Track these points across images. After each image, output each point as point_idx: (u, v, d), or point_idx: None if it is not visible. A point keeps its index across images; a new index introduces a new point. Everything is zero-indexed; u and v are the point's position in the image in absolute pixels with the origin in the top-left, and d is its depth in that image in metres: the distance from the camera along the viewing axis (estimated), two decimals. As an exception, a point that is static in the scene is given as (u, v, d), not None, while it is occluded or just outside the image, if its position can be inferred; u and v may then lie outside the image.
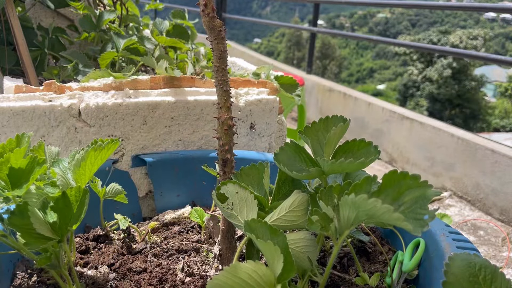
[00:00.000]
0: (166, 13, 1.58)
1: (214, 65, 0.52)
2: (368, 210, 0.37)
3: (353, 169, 0.47)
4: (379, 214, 0.37)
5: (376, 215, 0.37)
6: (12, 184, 0.46)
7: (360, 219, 0.40)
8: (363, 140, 0.47)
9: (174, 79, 0.87)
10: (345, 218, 0.41)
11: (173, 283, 0.55)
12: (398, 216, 0.36)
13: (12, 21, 0.91)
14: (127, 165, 0.80)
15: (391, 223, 0.37)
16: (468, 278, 0.36)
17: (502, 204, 1.92)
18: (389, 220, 0.36)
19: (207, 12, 0.49)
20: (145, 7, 1.65)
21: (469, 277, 0.36)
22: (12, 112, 0.71)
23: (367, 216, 0.39)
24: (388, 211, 0.36)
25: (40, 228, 0.44)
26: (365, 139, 0.47)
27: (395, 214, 0.36)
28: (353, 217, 0.40)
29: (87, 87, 0.80)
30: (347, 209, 0.40)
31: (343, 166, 0.45)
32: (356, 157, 0.44)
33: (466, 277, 0.37)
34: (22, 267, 0.56)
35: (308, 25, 4.58)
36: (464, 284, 0.36)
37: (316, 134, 0.48)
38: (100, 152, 0.52)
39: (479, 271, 0.36)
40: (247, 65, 1.36)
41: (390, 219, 0.36)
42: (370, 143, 0.47)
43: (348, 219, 0.40)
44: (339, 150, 0.49)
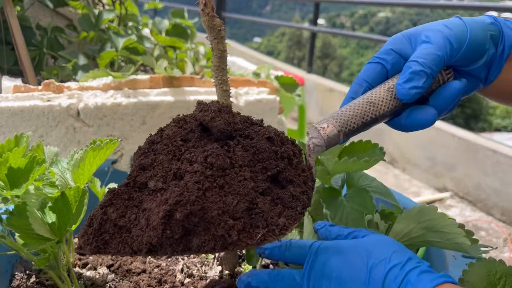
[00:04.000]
0: (165, 12, 1.58)
1: (213, 65, 0.52)
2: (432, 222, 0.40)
3: (357, 168, 0.47)
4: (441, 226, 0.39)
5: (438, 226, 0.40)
6: (11, 184, 0.46)
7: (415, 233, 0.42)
8: (369, 141, 0.47)
9: (174, 78, 0.86)
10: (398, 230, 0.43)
11: (173, 284, 0.55)
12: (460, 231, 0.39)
13: (10, 21, 0.91)
14: (126, 165, 0.80)
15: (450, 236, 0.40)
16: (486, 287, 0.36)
17: (504, 204, 1.91)
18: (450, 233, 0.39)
19: (206, 11, 0.49)
20: (144, 6, 1.64)
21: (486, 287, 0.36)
22: (11, 112, 0.70)
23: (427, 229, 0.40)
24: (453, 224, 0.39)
25: (39, 228, 0.43)
26: (370, 140, 0.47)
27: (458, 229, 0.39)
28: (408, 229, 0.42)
29: (86, 86, 0.80)
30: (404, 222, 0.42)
31: (347, 166, 0.45)
32: (361, 158, 0.44)
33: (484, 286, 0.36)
34: (20, 268, 0.55)
35: (309, 25, 4.58)
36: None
37: None
38: (99, 152, 0.51)
39: (499, 280, 0.36)
40: (247, 64, 1.35)
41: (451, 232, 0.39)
42: (376, 144, 0.47)
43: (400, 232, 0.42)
44: (344, 151, 0.49)
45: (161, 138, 0.36)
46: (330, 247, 0.38)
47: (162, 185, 0.32)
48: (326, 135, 0.37)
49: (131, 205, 0.32)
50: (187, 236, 0.30)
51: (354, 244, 0.38)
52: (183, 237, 0.30)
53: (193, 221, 0.29)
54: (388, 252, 0.36)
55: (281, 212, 0.33)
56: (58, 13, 1.19)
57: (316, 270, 0.37)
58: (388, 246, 0.37)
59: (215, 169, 0.32)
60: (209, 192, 0.30)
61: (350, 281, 0.35)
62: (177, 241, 0.30)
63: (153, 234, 0.29)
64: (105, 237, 0.31)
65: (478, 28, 0.40)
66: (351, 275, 0.35)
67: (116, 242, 0.31)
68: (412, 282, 0.33)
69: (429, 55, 0.38)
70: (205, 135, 0.35)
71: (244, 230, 0.30)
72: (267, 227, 0.31)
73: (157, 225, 0.29)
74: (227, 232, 0.30)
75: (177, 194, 0.29)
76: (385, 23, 37.94)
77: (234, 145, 0.34)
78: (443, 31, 0.39)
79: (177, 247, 0.30)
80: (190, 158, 0.33)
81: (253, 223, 0.31)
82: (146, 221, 0.30)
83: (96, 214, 0.32)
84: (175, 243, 0.30)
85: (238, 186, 0.32)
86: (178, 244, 0.30)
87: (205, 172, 0.31)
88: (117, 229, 0.31)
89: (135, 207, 0.32)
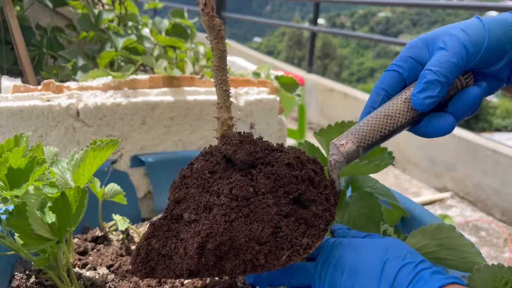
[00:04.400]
0: (165, 12, 1.58)
1: (213, 65, 0.52)
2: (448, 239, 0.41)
3: (366, 172, 0.48)
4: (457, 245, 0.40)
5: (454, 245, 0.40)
6: (10, 184, 0.46)
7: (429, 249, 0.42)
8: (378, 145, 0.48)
9: (173, 78, 0.86)
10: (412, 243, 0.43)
11: (172, 284, 0.55)
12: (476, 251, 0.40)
13: (10, 20, 0.91)
14: (126, 166, 0.80)
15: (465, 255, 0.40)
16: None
17: (504, 204, 1.91)
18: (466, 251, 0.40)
19: (206, 11, 0.49)
20: (144, 6, 1.64)
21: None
22: (10, 112, 0.70)
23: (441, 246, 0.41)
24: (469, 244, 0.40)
25: (39, 228, 0.43)
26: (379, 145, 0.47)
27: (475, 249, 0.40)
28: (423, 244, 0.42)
29: (86, 86, 0.79)
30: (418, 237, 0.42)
31: (357, 168, 0.46)
32: (371, 161, 0.44)
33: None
34: (20, 268, 0.55)
35: (309, 24, 4.58)
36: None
37: (331, 137, 0.49)
38: (99, 152, 0.51)
39: (505, 286, 0.36)
40: (247, 64, 1.35)
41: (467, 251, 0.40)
42: (385, 149, 0.47)
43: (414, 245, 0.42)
44: None
45: (191, 172, 0.40)
46: (346, 242, 0.39)
47: (195, 216, 0.36)
48: (346, 152, 0.39)
49: (171, 236, 0.37)
50: (220, 261, 0.34)
51: (370, 242, 0.39)
52: (217, 263, 0.34)
53: (223, 249, 0.34)
54: (403, 251, 0.37)
55: (304, 232, 0.36)
56: (57, 13, 1.19)
57: (329, 261, 0.38)
58: (404, 247, 0.38)
59: (240, 199, 0.35)
60: (235, 222, 0.34)
61: (362, 273, 0.36)
62: (212, 267, 0.34)
63: (191, 262, 0.34)
64: (151, 264, 0.37)
65: (498, 30, 0.38)
66: (364, 268, 0.36)
67: (161, 268, 0.36)
68: (425, 278, 0.34)
69: (444, 63, 0.37)
70: (230, 166, 0.39)
71: (270, 253, 0.34)
72: (292, 248, 0.34)
73: (193, 255, 0.34)
74: (255, 256, 0.34)
75: (207, 227, 0.34)
76: (385, 23, 37.91)
77: (257, 174, 0.37)
78: (459, 36, 0.38)
79: (213, 271, 0.34)
80: (217, 190, 0.37)
81: (279, 246, 0.34)
82: (184, 250, 0.35)
83: (142, 245, 0.37)
84: (210, 268, 0.34)
85: (262, 213, 0.35)
86: (213, 269, 0.34)
87: (230, 204, 0.35)
88: (161, 257, 0.37)
89: (174, 237, 0.37)
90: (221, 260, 0.34)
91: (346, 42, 33.56)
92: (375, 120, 0.39)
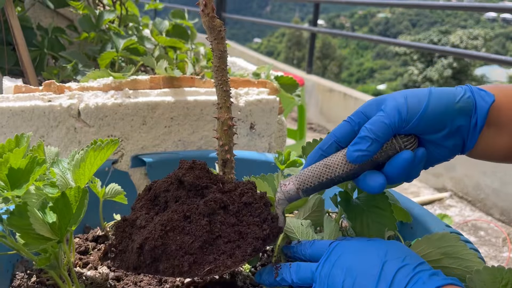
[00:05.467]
0: (165, 13, 1.58)
1: (214, 65, 0.52)
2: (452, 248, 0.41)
3: None
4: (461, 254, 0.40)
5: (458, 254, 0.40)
6: (11, 184, 0.46)
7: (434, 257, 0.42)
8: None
9: (174, 79, 0.86)
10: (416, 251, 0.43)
11: (173, 284, 0.55)
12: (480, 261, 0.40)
13: (11, 21, 0.91)
14: (126, 166, 0.80)
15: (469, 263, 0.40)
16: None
17: (503, 204, 1.91)
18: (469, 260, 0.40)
19: (206, 12, 0.49)
20: (145, 7, 1.64)
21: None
22: (11, 112, 0.71)
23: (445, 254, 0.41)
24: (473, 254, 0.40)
25: (40, 228, 0.43)
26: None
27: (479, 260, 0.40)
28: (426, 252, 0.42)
29: (87, 87, 0.80)
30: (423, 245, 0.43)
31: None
32: None
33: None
34: (21, 268, 0.55)
35: (308, 25, 4.58)
36: None
37: None
38: (100, 152, 0.52)
39: (505, 287, 0.36)
40: (247, 65, 1.36)
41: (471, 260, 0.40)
42: None
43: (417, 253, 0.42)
44: None
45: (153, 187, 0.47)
46: (348, 243, 0.41)
47: (145, 223, 0.43)
48: (286, 191, 0.43)
49: (125, 236, 0.44)
50: (156, 262, 0.40)
51: (371, 243, 0.40)
52: (153, 263, 0.40)
53: (157, 252, 0.40)
54: (403, 253, 0.37)
55: (231, 253, 0.40)
56: (58, 13, 1.19)
57: (330, 260, 0.39)
58: (403, 250, 0.38)
59: (181, 215, 0.42)
60: (171, 233, 0.40)
61: (361, 273, 0.37)
62: (148, 265, 0.41)
63: (133, 258, 0.41)
64: (111, 255, 0.44)
65: (442, 102, 0.41)
66: (363, 268, 0.37)
67: (119, 259, 0.44)
68: (423, 280, 0.34)
69: (377, 122, 0.41)
70: (181, 186, 0.45)
71: (195, 263, 0.39)
72: (214, 263, 0.39)
73: (134, 253, 0.41)
74: (181, 263, 0.39)
75: (148, 232, 0.41)
76: (384, 23, 37.92)
77: (203, 195, 0.44)
78: (398, 102, 0.41)
79: (150, 269, 0.41)
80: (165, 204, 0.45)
81: (204, 259, 0.40)
82: (131, 249, 0.42)
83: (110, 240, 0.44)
84: (147, 266, 0.41)
85: (196, 230, 0.41)
86: (150, 267, 0.41)
87: (172, 217, 0.41)
88: (118, 251, 0.44)
89: (128, 238, 0.44)
90: (157, 261, 0.40)
91: (346, 42, 33.56)
92: (316, 168, 0.43)
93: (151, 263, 0.40)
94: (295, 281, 0.42)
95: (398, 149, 0.41)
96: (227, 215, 0.42)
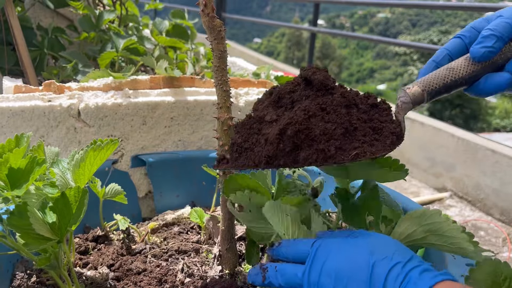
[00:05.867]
0: (165, 13, 1.58)
1: (214, 65, 0.52)
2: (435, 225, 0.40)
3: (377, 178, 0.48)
4: (444, 230, 0.39)
5: (441, 230, 0.39)
6: (11, 184, 0.46)
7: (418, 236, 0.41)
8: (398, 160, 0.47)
9: (174, 79, 0.86)
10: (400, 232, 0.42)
11: (173, 283, 0.55)
12: (464, 236, 0.39)
13: (11, 21, 0.91)
14: (126, 166, 0.80)
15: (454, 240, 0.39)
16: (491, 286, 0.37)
17: (503, 204, 1.91)
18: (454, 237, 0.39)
19: (206, 12, 0.49)
20: (145, 7, 1.64)
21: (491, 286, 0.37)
22: (12, 112, 0.71)
23: (429, 232, 0.40)
24: (457, 229, 0.39)
25: (40, 228, 0.43)
26: (399, 160, 0.47)
27: (462, 234, 0.39)
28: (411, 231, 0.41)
29: (87, 87, 0.80)
30: (406, 223, 0.42)
31: (368, 173, 0.46)
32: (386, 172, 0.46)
33: (489, 285, 0.37)
34: (21, 268, 0.55)
35: (308, 25, 4.58)
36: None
37: None
38: (100, 152, 0.52)
39: (504, 281, 0.36)
40: (247, 65, 1.36)
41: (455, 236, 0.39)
42: (403, 165, 0.47)
43: (402, 233, 0.42)
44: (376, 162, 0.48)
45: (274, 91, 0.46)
46: (331, 244, 0.39)
47: (276, 117, 0.41)
48: (412, 93, 0.43)
49: (252, 133, 0.42)
50: (296, 150, 0.38)
51: (355, 243, 0.38)
52: (292, 151, 0.38)
53: (300, 137, 0.38)
54: (390, 251, 0.36)
55: (372, 143, 0.40)
56: (58, 13, 1.19)
57: (316, 267, 0.38)
58: (390, 246, 0.37)
59: (318, 106, 0.40)
60: (313, 118, 0.39)
61: (351, 278, 0.35)
62: (287, 154, 0.38)
63: (270, 148, 0.39)
64: (235, 155, 0.43)
65: None
66: (352, 273, 0.36)
67: (243, 158, 0.42)
68: (413, 280, 0.33)
69: (500, 23, 0.44)
70: (308, 87, 0.43)
71: (340, 148, 0.38)
72: (360, 149, 0.38)
73: (273, 140, 0.38)
74: (327, 147, 0.38)
75: (288, 118, 0.39)
76: (384, 23, 37.90)
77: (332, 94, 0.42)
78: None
79: (288, 159, 0.38)
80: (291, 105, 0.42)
81: (348, 145, 0.39)
82: (265, 140, 0.40)
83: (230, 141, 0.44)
84: (286, 155, 0.38)
85: (336, 118, 0.39)
86: (288, 157, 0.38)
87: (310, 106, 0.40)
88: (243, 149, 0.42)
89: (256, 134, 0.42)
90: (297, 149, 0.38)
91: (346, 42, 33.55)
92: (439, 71, 0.45)
93: (291, 150, 0.38)
94: (282, 285, 0.41)
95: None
96: (359, 112, 0.41)
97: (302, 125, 0.38)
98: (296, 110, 0.40)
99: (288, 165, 0.39)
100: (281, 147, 0.38)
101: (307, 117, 0.39)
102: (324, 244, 0.40)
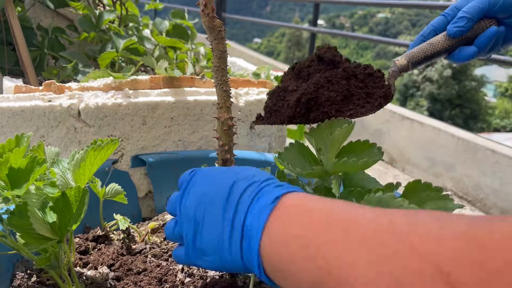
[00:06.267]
0: (165, 13, 1.58)
1: (214, 65, 0.52)
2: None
3: (355, 169, 0.47)
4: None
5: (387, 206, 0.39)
6: (11, 184, 0.46)
7: None
8: (367, 141, 0.49)
9: (174, 79, 0.86)
10: None
11: (173, 283, 0.55)
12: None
13: (11, 21, 0.91)
14: (126, 165, 0.80)
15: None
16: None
17: (503, 204, 1.92)
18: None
19: (206, 12, 0.49)
20: (145, 7, 1.65)
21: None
22: (12, 112, 0.71)
23: None
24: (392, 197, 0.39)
25: (40, 228, 0.44)
26: (368, 140, 0.49)
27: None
28: None
29: (87, 87, 0.80)
30: None
31: (346, 166, 0.46)
32: (360, 158, 0.45)
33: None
34: (21, 268, 0.55)
35: (308, 25, 4.58)
36: None
37: (321, 135, 0.50)
38: (100, 152, 0.52)
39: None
40: (247, 65, 1.36)
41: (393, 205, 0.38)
42: (374, 144, 0.48)
43: None
44: (342, 151, 0.51)
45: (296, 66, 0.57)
46: (206, 171, 0.42)
47: (296, 88, 0.54)
48: (400, 64, 0.55)
49: (279, 99, 0.55)
50: (308, 112, 0.52)
51: (226, 170, 0.41)
52: (306, 113, 0.52)
53: (311, 103, 0.51)
54: (252, 173, 0.39)
55: (363, 105, 0.52)
56: (59, 13, 1.19)
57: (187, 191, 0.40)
58: (254, 170, 0.40)
59: (325, 79, 0.52)
60: (321, 89, 0.51)
61: (211, 198, 0.38)
62: (302, 115, 0.52)
63: (290, 111, 0.52)
64: (267, 115, 0.55)
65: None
66: (213, 193, 0.38)
67: (273, 117, 0.54)
68: (264, 192, 0.36)
69: (472, 6, 0.54)
70: (321, 63, 0.55)
71: (339, 110, 0.51)
72: (353, 110, 0.52)
73: (292, 105, 0.51)
74: (329, 110, 0.51)
75: (303, 89, 0.52)
76: (384, 23, 37.88)
77: (338, 68, 0.54)
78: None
79: (302, 119, 0.52)
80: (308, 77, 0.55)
81: (345, 107, 0.52)
82: (287, 105, 0.53)
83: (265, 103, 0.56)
84: (301, 116, 0.52)
85: (338, 88, 0.52)
86: (303, 117, 0.52)
87: (320, 80, 0.52)
88: (273, 111, 0.54)
89: (282, 100, 0.54)
90: (309, 111, 0.51)
91: (346, 42, 33.52)
92: (422, 46, 0.56)
93: (304, 113, 0.51)
94: (168, 211, 0.43)
95: (485, 28, 0.55)
96: (357, 81, 0.53)
97: (312, 94, 0.51)
98: (309, 82, 0.53)
99: (302, 122, 0.52)
100: (298, 110, 0.51)
101: (316, 88, 0.52)
102: (200, 171, 0.42)
